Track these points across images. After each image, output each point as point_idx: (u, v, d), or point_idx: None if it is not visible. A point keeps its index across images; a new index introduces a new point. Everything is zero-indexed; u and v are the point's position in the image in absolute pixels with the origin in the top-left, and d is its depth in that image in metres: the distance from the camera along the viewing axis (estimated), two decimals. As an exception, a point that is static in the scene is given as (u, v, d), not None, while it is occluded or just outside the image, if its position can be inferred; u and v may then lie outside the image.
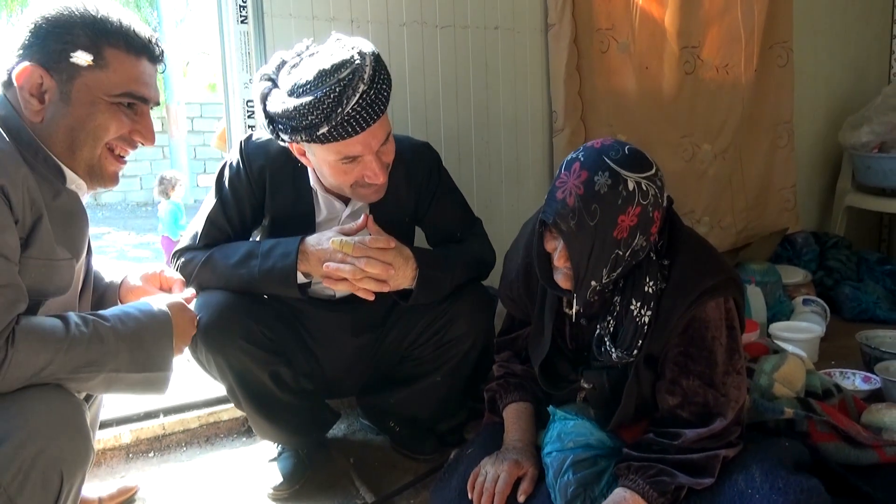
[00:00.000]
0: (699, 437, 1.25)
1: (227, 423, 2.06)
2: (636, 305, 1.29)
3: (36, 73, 1.13)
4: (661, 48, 2.67)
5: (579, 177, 1.22)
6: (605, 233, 1.21)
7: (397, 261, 1.54)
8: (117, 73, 1.17)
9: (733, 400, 1.28)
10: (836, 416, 1.48)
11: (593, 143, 1.27)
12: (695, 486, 1.22)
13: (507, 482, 1.36)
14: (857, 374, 2.13)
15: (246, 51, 1.96)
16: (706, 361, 1.28)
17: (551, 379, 1.47)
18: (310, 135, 1.44)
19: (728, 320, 1.30)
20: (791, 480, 1.17)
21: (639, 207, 1.21)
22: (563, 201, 1.23)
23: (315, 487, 1.75)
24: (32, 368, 1.08)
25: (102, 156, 1.23)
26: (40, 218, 1.15)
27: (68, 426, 1.10)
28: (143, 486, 1.78)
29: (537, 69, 2.47)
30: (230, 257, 1.59)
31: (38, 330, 1.10)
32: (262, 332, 1.60)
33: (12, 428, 1.03)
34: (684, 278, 1.28)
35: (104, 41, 1.16)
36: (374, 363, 1.84)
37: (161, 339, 1.24)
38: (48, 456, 1.05)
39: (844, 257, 3.08)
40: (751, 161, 3.00)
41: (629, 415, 1.36)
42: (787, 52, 2.95)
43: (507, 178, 2.48)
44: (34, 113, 1.16)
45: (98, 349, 1.15)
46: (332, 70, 1.42)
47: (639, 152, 1.25)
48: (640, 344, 1.30)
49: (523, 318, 1.58)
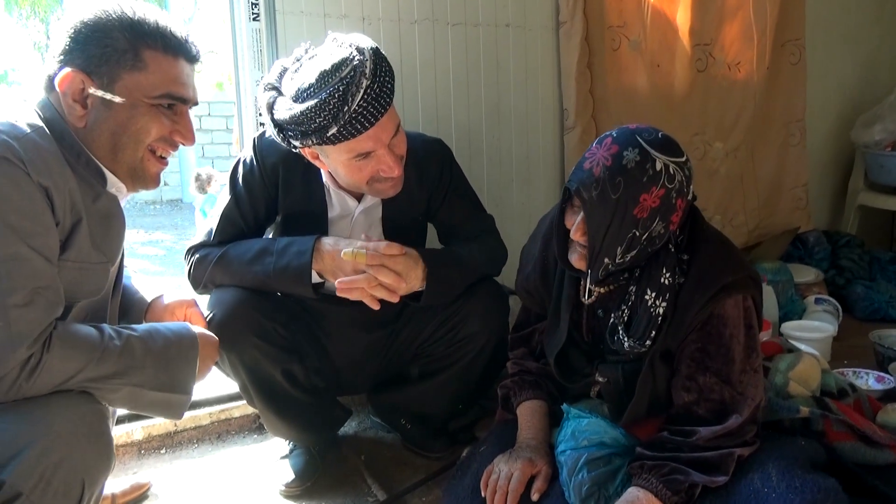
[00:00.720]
0: (714, 434, 1.24)
1: (239, 420, 2.07)
2: (651, 296, 1.29)
3: (77, 78, 1.14)
4: (673, 46, 2.66)
5: (609, 150, 1.23)
6: (626, 209, 1.21)
7: (407, 264, 1.54)
8: (156, 75, 1.18)
9: (750, 398, 1.27)
10: (851, 415, 1.47)
11: (629, 125, 1.28)
12: (709, 484, 1.21)
13: (521, 480, 1.35)
14: (871, 374, 2.11)
15: (258, 48, 1.96)
16: (723, 359, 1.27)
17: (566, 372, 1.46)
18: (320, 137, 1.43)
19: (746, 318, 1.29)
20: (808, 479, 1.16)
21: (663, 189, 1.21)
22: (590, 171, 1.24)
23: (326, 484, 1.75)
24: (63, 375, 1.09)
25: (144, 158, 1.24)
26: (80, 221, 1.16)
27: (91, 434, 1.11)
28: (156, 482, 1.78)
29: (548, 67, 2.47)
30: (245, 254, 1.59)
31: (73, 337, 1.11)
32: (275, 330, 1.60)
33: (37, 434, 1.03)
34: (703, 274, 1.28)
35: (141, 43, 1.16)
36: (386, 360, 1.84)
37: (186, 362, 1.26)
38: (71, 464, 1.06)
39: (857, 256, 3.06)
40: (762, 159, 2.98)
41: (642, 409, 1.36)
42: (799, 49, 2.93)
43: (518, 176, 2.48)
44: (78, 118, 1.17)
45: (127, 362, 1.16)
46: (332, 70, 1.42)
47: (672, 139, 1.26)
48: (654, 335, 1.30)
49: (539, 312, 1.57)
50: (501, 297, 1.76)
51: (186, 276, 1.65)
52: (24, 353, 1.04)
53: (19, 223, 1.05)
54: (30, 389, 1.06)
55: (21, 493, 1.00)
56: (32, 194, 1.07)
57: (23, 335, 1.04)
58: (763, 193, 3.00)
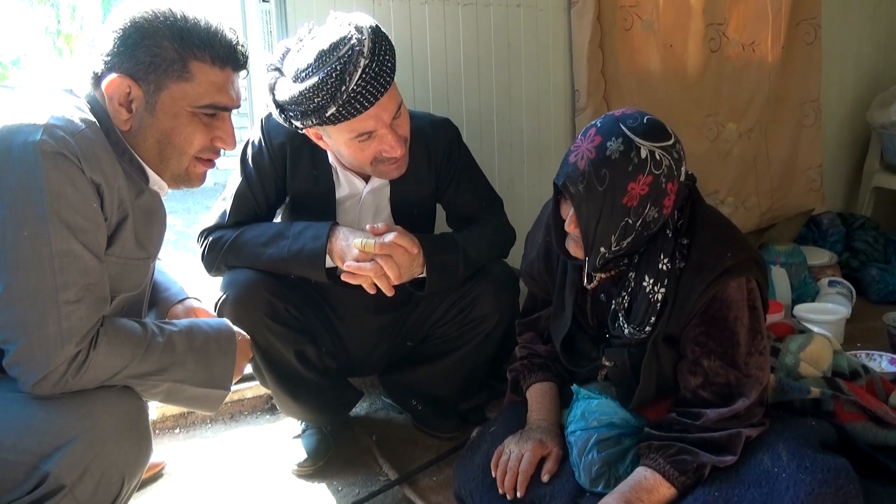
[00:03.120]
0: (721, 416, 1.24)
1: (252, 400, 2.09)
2: (649, 282, 1.29)
3: (124, 83, 1.14)
4: (686, 25, 2.63)
5: (592, 141, 1.23)
6: (614, 199, 1.21)
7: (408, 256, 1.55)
8: (202, 86, 1.17)
9: (756, 380, 1.27)
10: (863, 395, 1.46)
11: (614, 112, 1.27)
12: (717, 464, 1.21)
13: (532, 461, 1.36)
14: (884, 356, 2.09)
15: (268, 29, 1.96)
16: (728, 342, 1.26)
17: (573, 356, 1.46)
18: (319, 117, 1.43)
19: (750, 301, 1.28)
20: (818, 459, 1.15)
21: (650, 176, 1.20)
22: (575, 165, 1.24)
23: (338, 464, 1.77)
24: (109, 372, 1.11)
25: (190, 166, 1.24)
26: (126, 218, 1.17)
27: (133, 429, 1.12)
28: (170, 461, 1.81)
29: (560, 47, 2.44)
30: (260, 237, 1.59)
31: (118, 334, 1.12)
32: (287, 311, 1.61)
33: (82, 428, 1.05)
34: (704, 258, 1.27)
35: (190, 54, 1.15)
36: (397, 342, 1.85)
37: (226, 358, 1.27)
38: (113, 459, 1.07)
39: (871, 238, 3.03)
40: (776, 141, 2.95)
41: (650, 393, 1.36)
42: (814, 28, 2.89)
43: (529, 158, 2.46)
44: (123, 122, 1.17)
45: (169, 358, 1.17)
46: (330, 49, 1.41)
47: (658, 123, 1.24)
48: (653, 321, 1.29)
49: (544, 297, 1.58)
50: (512, 278, 1.76)
51: (200, 258, 1.66)
52: (72, 350, 1.05)
53: (73, 219, 1.06)
54: (75, 385, 1.07)
55: (64, 486, 1.01)
56: (86, 191, 1.07)
57: (73, 332, 1.05)
58: (777, 175, 2.97)
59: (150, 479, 1.72)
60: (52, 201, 1.03)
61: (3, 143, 1.04)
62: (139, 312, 1.34)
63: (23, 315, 1.03)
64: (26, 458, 1.01)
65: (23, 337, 1.03)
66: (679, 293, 1.28)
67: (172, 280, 1.52)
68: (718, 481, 1.21)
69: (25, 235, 1.03)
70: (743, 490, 1.17)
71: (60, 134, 1.06)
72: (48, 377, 1.04)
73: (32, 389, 1.05)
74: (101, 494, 1.07)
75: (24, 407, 1.05)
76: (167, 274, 1.53)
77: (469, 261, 1.68)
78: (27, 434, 1.03)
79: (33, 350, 1.03)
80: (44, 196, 1.03)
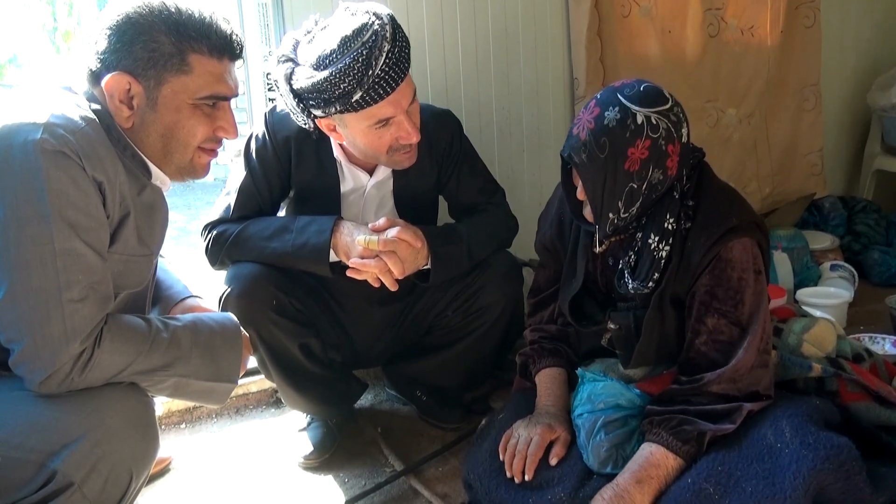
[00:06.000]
0: (720, 377, 1.26)
1: (257, 394, 2.10)
2: (654, 240, 1.32)
3: (123, 80, 1.14)
4: (685, 11, 2.61)
5: (592, 112, 1.29)
6: (616, 165, 1.26)
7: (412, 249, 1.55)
8: (201, 77, 1.17)
9: (758, 338, 1.28)
10: (866, 376, 1.46)
11: (614, 84, 1.33)
12: (717, 432, 1.23)
13: (540, 445, 1.37)
14: (887, 339, 2.10)
15: (265, 23, 1.96)
16: (732, 301, 1.29)
17: (579, 319, 1.49)
18: (344, 103, 1.43)
19: (755, 264, 1.31)
20: (821, 436, 1.17)
21: (648, 140, 1.25)
22: (577, 136, 1.30)
23: (344, 456, 1.78)
24: (114, 369, 1.11)
25: (194, 157, 1.24)
26: (128, 215, 1.18)
27: (140, 426, 1.13)
28: (177, 456, 1.82)
29: (558, 35, 2.43)
30: (264, 231, 1.60)
31: (123, 331, 1.12)
32: (291, 304, 1.62)
33: (89, 426, 1.05)
34: (709, 217, 1.31)
35: (187, 46, 1.15)
36: (401, 333, 1.86)
37: (232, 351, 1.27)
38: (120, 456, 1.08)
39: (873, 221, 3.03)
40: (776, 125, 2.94)
41: (650, 352, 1.38)
42: (814, 11, 2.87)
43: (529, 146, 2.46)
44: (125, 119, 1.17)
45: (174, 354, 1.18)
46: (353, 35, 1.41)
47: (654, 88, 1.29)
48: (657, 277, 1.32)
49: (556, 268, 1.59)
50: (515, 269, 1.77)
51: (204, 251, 1.66)
52: (77, 348, 1.05)
53: (75, 218, 1.06)
54: (81, 383, 1.08)
55: (73, 483, 1.02)
56: (87, 189, 1.07)
57: (77, 330, 1.05)
58: (777, 160, 2.96)
59: (158, 474, 1.74)
60: (54, 200, 1.03)
61: (3, 142, 1.04)
62: (142, 309, 1.34)
63: (27, 314, 1.03)
64: (34, 456, 1.02)
65: (27, 336, 1.04)
66: (685, 251, 1.32)
67: (175, 278, 1.52)
68: (722, 455, 1.22)
69: (28, 235, 1.03)
70: (746, 464, 1.18)
71: (61, 132, 1.06)
72: (54, 376, 1.05)
73: (38, 388, 1.05)
74: (110, 491, 1.07)
75: (30, 406, 1.06)
76: (170, 272, 1.53)
77: (472, 251, 1.68)
78: (34, 432, 1.03)
79: (38, 349, 1.04)
80: (45, 195, 1.03)
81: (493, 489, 1.37)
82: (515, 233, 1.83)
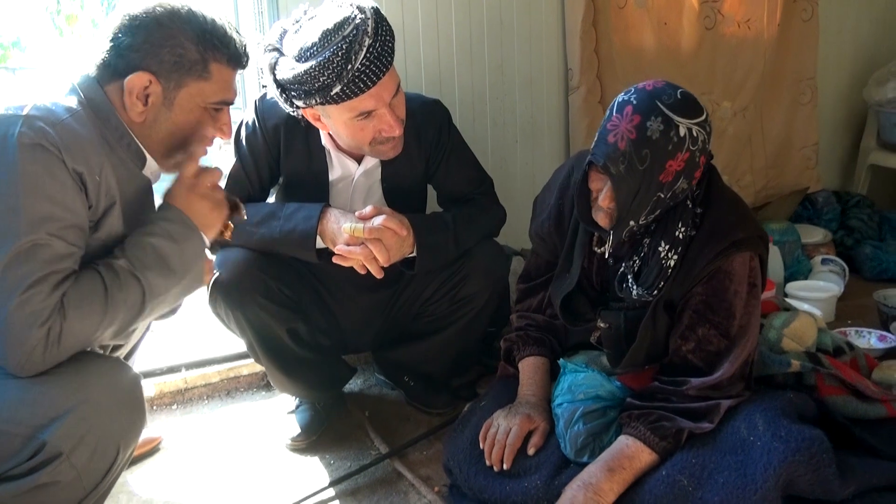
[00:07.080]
0: (703, 385, 1.28)
1: (247, 377, 2.12)
2: (664, 248, 1.31)
3: (145, 79, 1.17)
4: (681, 3, 2.61)
5: (632, 121, 1.23)
6: (653, 176, 1.23)
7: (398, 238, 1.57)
8: (217, 84, 1.24)
9: (742, 351, 1.30)
10: (844, 370, 1.48)
11: (645, 86, 1.27)
12: (695, 430, 1.25)
13: (518, 435, 1.39)
14: (873, 333, 2.12)
15: (259, 10, 1.96)
16: (725, 313, 1.30)
17: (569, 316, 1.49)
18: (324, 96, 1.45)
19: (751, 277, 1.32)
20: (793, 429, 1.19)
21: (687, 153, 1.23)
22: (615, 145, 1.23)
23: (331, 439, 1.81)
24: (88, 332, 1.11)
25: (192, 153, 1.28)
26: (113, 204, 1.19)
27: (126, 401, 1.15)
28: (167, 436, 1.84)
29: (553, 26, 2.44)
30: (252, 217, 1.61)
31: (83, 296, 1.11)
32: (279, 290, 1.64)
33: (77, 401, 1.07)
34: (715, 228, 1.31)
35: (210, 56, 1.21)
36: (389, 319, 1.88)
37: (187, 249, 1.23)
38: (107, 429, 1.11)
39: (866, 216, 3.03)
40: (771, 119, 2.94)
41: (641, 356, 1.39)
42: (811, 5, 2.87)
43: (522, 137, 2.47)
44: (137, 114, 1.20)
45: (136, 291, 1.15)
46: (335, 29, 1.42)
47: (691, 97, 1.26)
48: (662, 285, 1.32)
49: (550, 259, 1.59)
50: (501, 258, 1.78)
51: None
52: (42, 331, 1.06)
53: (49, 210, 1.07)
54: (61, 354, 1.09)
55: (61, 453, 1.05)
56: (65, 181, 1.09)
57: (36, 315, 1.06)
58: (771, 153, 2.97)
59: (148, 454, 1.76)
60: (27, 194, 1.05)
61: None
62: None
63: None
64: (23, 429, 1.04)
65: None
66: (686, 259, 1.31)
67: None
68: (696, 448, 1.24)
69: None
70: (719, 457, 1.21)
71: (39, 125, 1.07)
72: (29, 359, 1.06)
73: (21, 373, 1.07)
74: (97, 462, 1.10)
75: (18, 382, 1.07)
76: None
77: (459, 240, 1.69)
78: (23, 406, 1.05)
79: (4, 338, 1.05)
80: (19, 189, 1.05)
81: (472, 476, 1.40)
82: (503, 222, 1.84)
